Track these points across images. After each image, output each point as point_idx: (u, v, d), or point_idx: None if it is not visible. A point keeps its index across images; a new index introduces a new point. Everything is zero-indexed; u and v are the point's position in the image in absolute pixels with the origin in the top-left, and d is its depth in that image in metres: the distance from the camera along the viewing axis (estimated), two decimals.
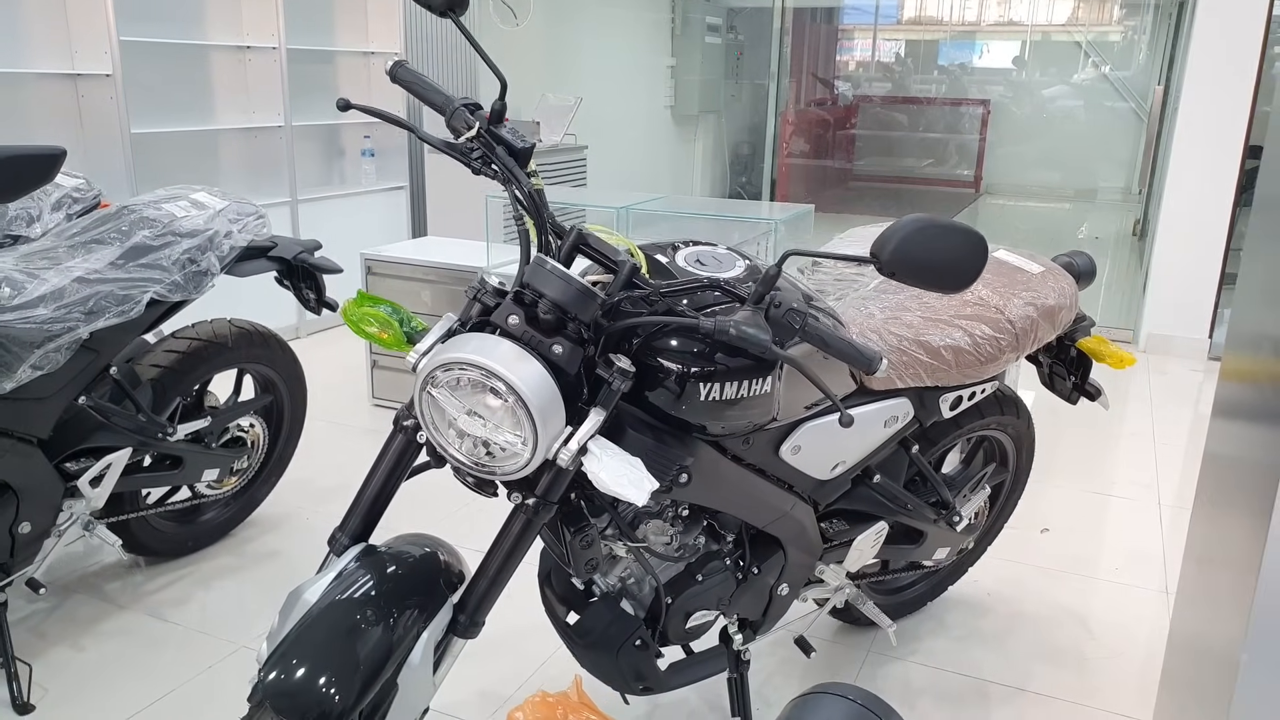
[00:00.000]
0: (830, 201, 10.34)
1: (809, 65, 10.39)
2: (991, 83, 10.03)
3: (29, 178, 1.55)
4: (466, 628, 1.42)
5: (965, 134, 10.34)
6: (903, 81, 10.52)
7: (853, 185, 10.83)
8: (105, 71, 3.64)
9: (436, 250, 3.82)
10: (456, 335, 1.34)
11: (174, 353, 2.32)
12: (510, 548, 1.41)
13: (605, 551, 1.64)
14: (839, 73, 10.61)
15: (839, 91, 10.61)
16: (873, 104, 10.68)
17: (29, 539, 2.01)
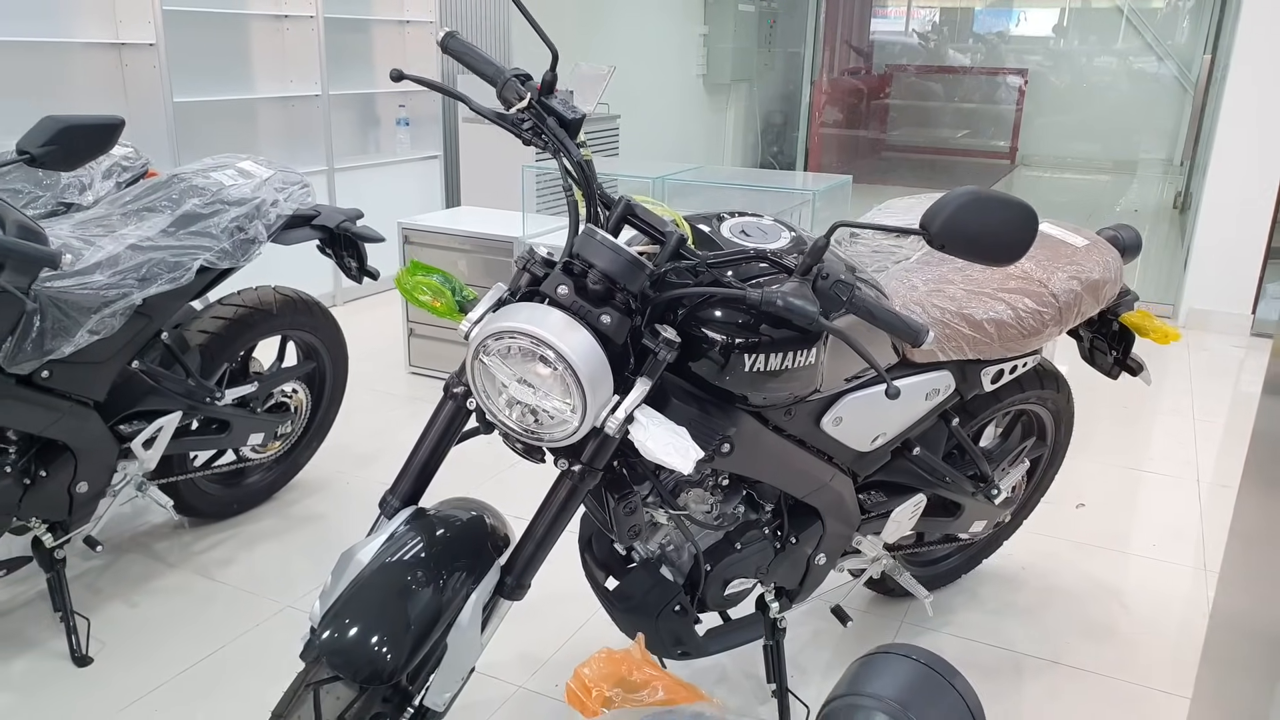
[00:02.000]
0: (864, 171, 10.23)
1: (843, 34, 10.25)
2: (1029, 52, 9.85)
3: (88, 147, 1.58)
4: (513, 590, 1.45)
5: (1002, 104, 10.18)
6: (939, 50, 10.35)
7: (886, 155, 10.71)
8: (149, 41, 3.67)
9: (472, 220, 3.84)
10: (506, 305, 1.36)
11: (221, 319, 2.36)
12: (556, 512, 1.44)
13: (646, 519, 1.66)
14: (874, 41, 10.46)
15: (873, 60, 10.46)
16: (907, 73, 10.52)
17: (86, 498, 2.07)
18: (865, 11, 10.55)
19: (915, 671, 0.66)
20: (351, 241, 2.46)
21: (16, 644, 2.09)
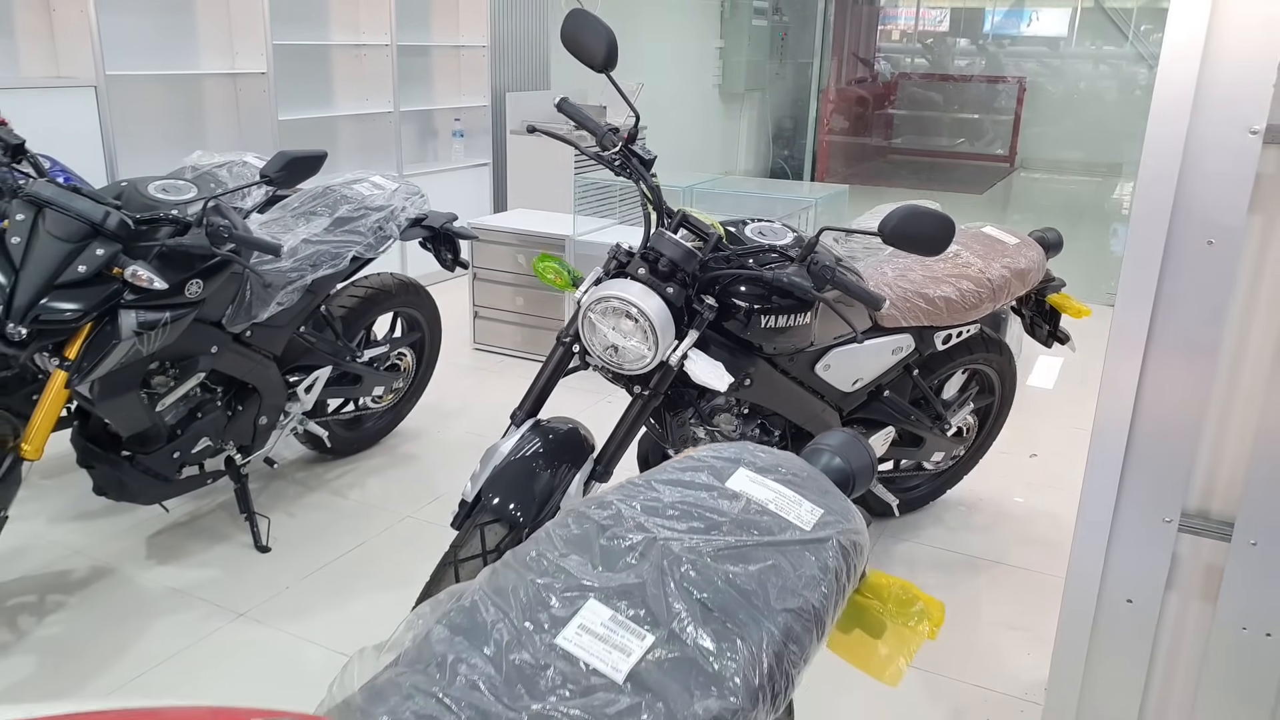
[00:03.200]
0: (869, 175, 10.89)
1: (850, 45, 10.90)
2: (1027, 59, 10.47)
3: (304, 171, 2.26)
4: (601, 474, 2.13)
5: (1001, 110, 10.80)
6: (941, 60, 10.99)
7: (891, 160, 11.36)
8: (261, 70, 4.38)
9: (525, 220, 4.52)
10: (603, 280, 2.05)
11: (356, 297, 3.06)
12: (631, 422, 2.12)
13: (690, 434, 2.35)
14: (879, 51, 11.11)
15: (878, 69, 11.11)
16: (911, 81, 11.17)
17: (265, 428, 2.77)
18: (872, 24, 11.19)
19: (845, 437, 1.30)
20: (449, 238, 3.15)
21: (213, 536, 2.80)
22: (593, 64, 2.00)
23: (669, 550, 1.01)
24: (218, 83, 4.46)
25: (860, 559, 1.11)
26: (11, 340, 2.03)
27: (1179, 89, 1.43)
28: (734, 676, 0.91)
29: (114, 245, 2.10)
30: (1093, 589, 1.67)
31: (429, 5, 5.62)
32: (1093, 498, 1.63)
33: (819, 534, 1.07)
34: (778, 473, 1.16)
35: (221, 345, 2.50)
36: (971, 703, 2.23)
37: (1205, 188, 1.46)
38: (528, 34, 6.39)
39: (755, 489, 1.12)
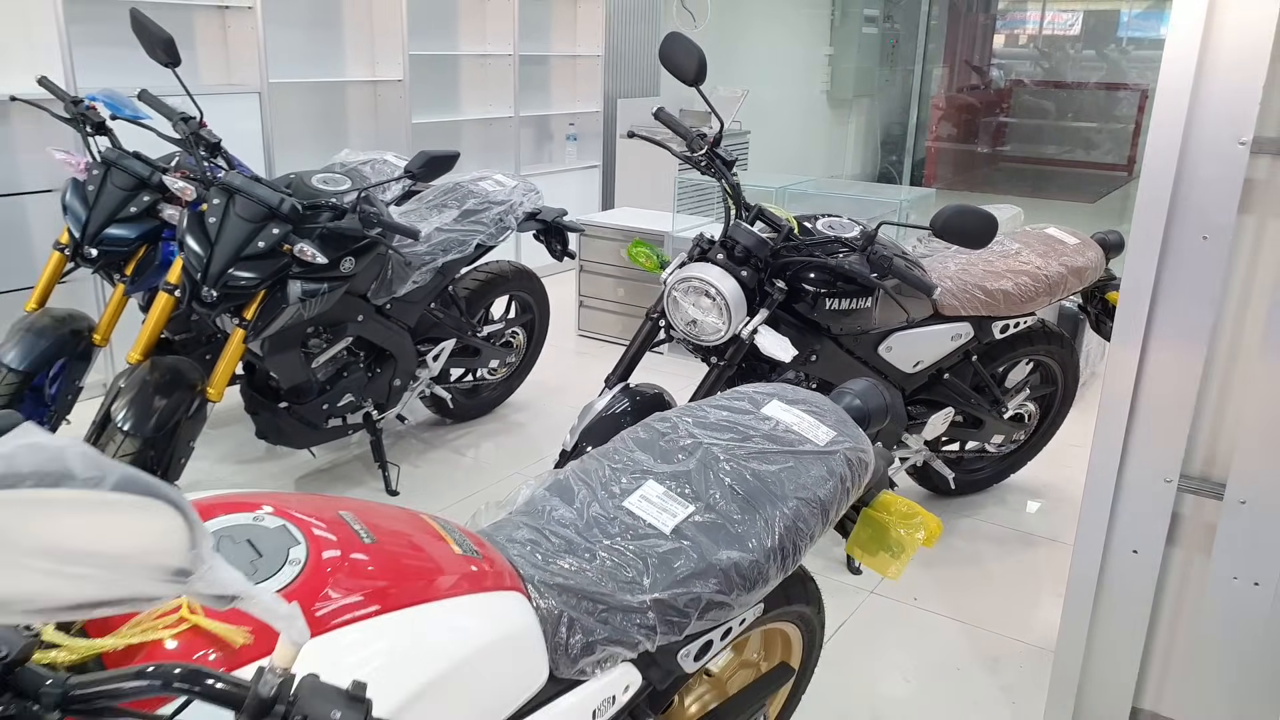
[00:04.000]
0: (977, 182, 10.88)
1: (963, 52, 10.92)
2: (1150, 66, 10.28)
3: (440, 168, 2.67)
4: None
5: (1120, 118, 10.63)
6: (1059, 66, 10.89)
7: (1002, 167, 11.30)
8: (398, 78, 4.89)
9: (629, 217, 4.89)
10: (687, 264, 2.38)
11: (478, 280, 3.48)
12: (708, 389, 2.45)
13: None
14: (994, 58, 11.07)
15: (991, 76, 11.08)
16: (1025, 88, 11.09)
17: (398, 389, 3.20)
18: (987, 30, 11.17)
19: (868, 383, 1.60)
20: (559, 231, 3.54)
21: (350, 481, 3.26)
22: (685, 79, 2.34)
23: (711, 452, 1.34)
24: (360, 89, 4.99)
25: (864, 472, 1.42)
26: (204, 301, 2.50)
27: (1175, 103, 1.67)
28: (752, 538, 1.24)
29: (286, 226, 2.55)
30: (1100, 539, 1.91)
31: (549, 18, 6.07)
32: (1100, 459, 1.88)
33: (830, 448, 1.38)
34: (805, 405, 1.47)
35: (366, 315, 2.94)
36: (1009, 653, 2.46)
37: (1200, 190, 1.70)
38: (640, 43, 6.78)
39: (784, 415, 1.44)
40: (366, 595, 0.88)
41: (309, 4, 4.67)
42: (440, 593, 0.94)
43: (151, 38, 2.51)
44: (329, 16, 4.77)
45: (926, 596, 2.70)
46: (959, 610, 2.64)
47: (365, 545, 0.93)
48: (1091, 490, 1.90)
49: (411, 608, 0.90)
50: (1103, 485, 1.89)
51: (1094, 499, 1.90)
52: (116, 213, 2.86)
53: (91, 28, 3.81)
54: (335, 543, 0.91)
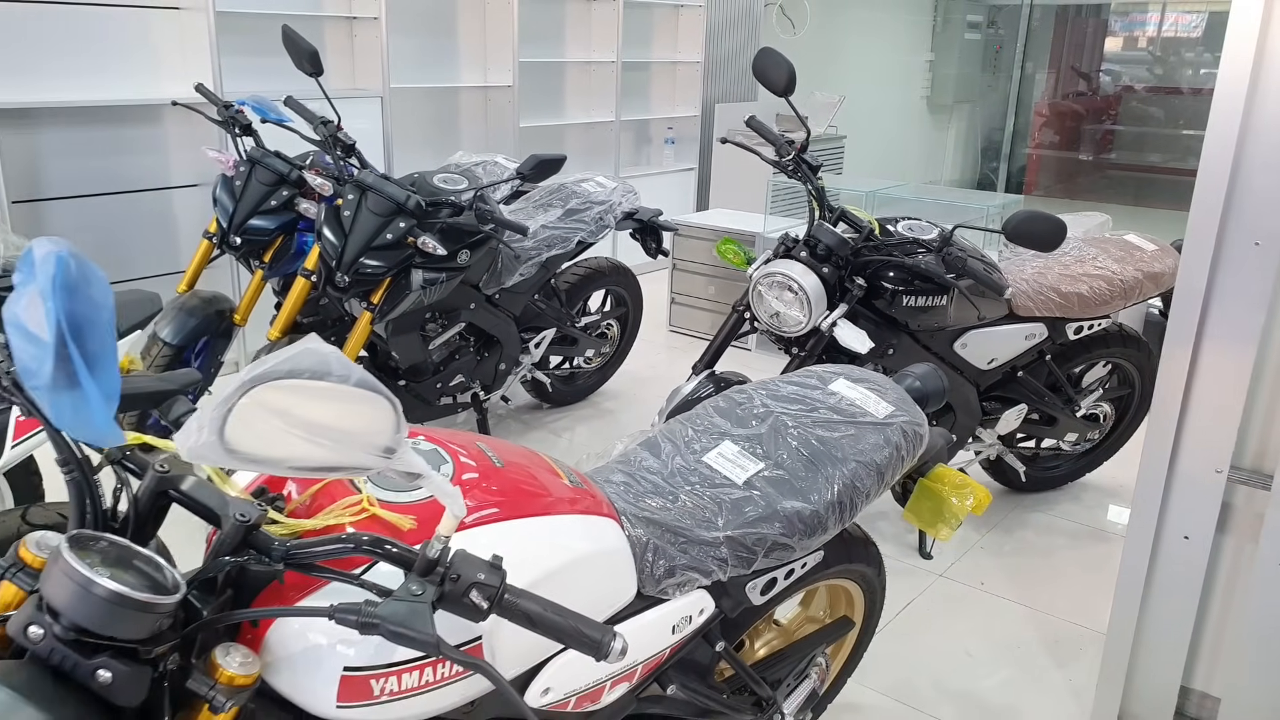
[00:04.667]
0: (1080, 190, 10.69)
1: (1070, 57, 10.74)
2: None
3: (548, 170, 2.93)
4: None
5: None
6: (1172, 72, 10.61)
7: (1107, 174, 11.07)
8: (508, 83, 5.20)
9: (722, 218, 5.09)
10: (771, 260, 2.58)
11: (577, 274, 3.74)
12: None
13: None
14: (1104, 63, 10.85)
15: (1100, 82, 10.87)
16: (1134, 94, 10.84)
17: (503, 373, 3.48)
18: (1098, 34, 10.95)
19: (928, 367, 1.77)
20: (655, 230, 3.77)
21: None
22: (776, 90, 2.53)
23: (781, 420, 1.54)
24: (472, 94, 5.33)
25: (919, 444, 1.59)
26: (338, 286, 2.81)
27: (1230, 112, 1.79)
28: (813, 493, 1.43)
29: (411, 220, 2.84)
30: (1151, 525, 2.03)
31: (651, 26, 6.31)
32: (1153, 450, 2.00)
33: (888, 421, 1.56)
34: (867, 383, 1.66)
35: (478, 303, 3.22)
36: (1069, 636, 2.58)
37: (1253, 198, 1.82)
38: (739, 50, 6.97)
39: (848, 390, 1.63)
40: (497, 504, 1.11)
41: (427, 14, 5.02)
42: (553, 509, 1.17)
43: (299, 50, 2.84)
44: (445, 26, 5.12)
45: (994, 582, 2.83)
46: (1024, 596, 2.76)
47: (496, 468, 1.17)
48: (1144, 479, 2.03)
49: (530, 518, 1.13)
50: (1155, 474, 2.01)
51: (1147, 487, 2.03)
52: (259, 206, 3.21)
53: (237, 38, 4.21)
54: (474, 465, 1.15)
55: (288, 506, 1.03)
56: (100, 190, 3.88)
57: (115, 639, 0.81)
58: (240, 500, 0.92)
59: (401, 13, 4.84)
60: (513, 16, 5.11)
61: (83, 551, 0.81)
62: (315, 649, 0.96)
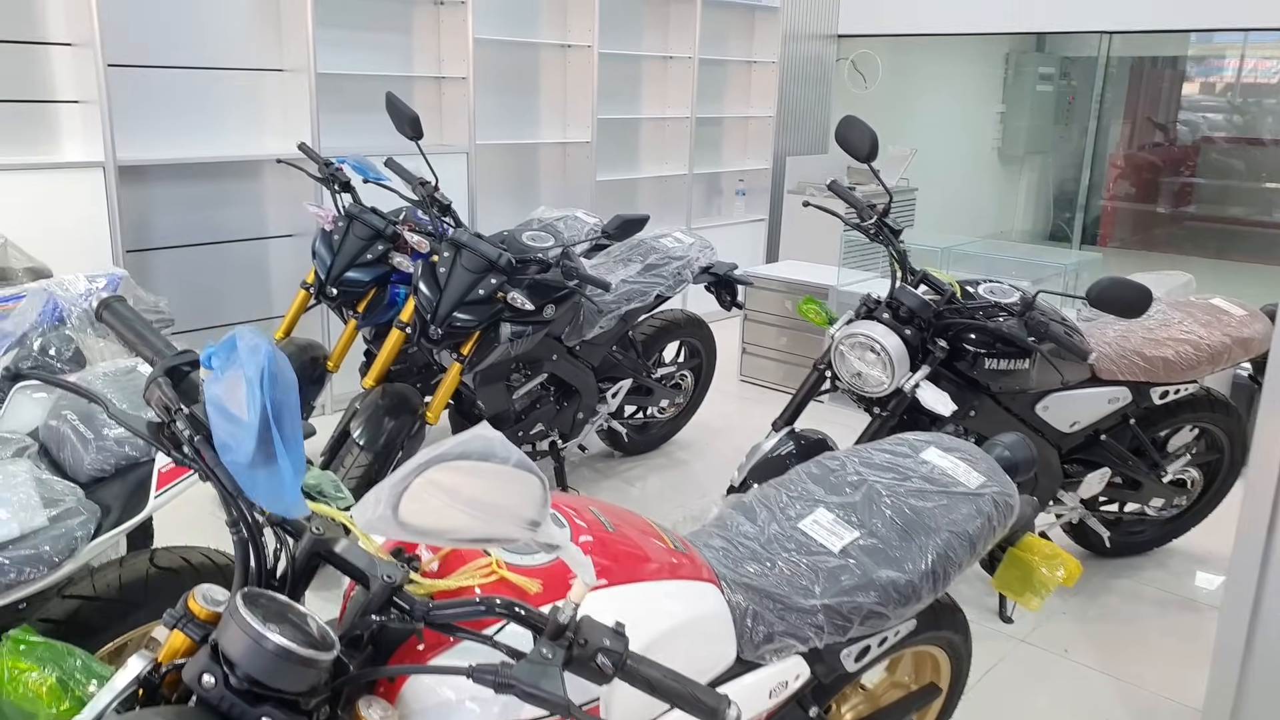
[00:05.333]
0: (1157, 243, 10.50)
1: (1144, 109, 10.62)
2: None
3: (632, 229, 3.03)
4: None
5: None
6: (1254, 122, 10.41)
7: (1185, 226, 10.86)
8: (586, 139, 5.36)
9: (794, 270, 5.14)
10: (854, 321, 2.62)
11: (654, 326, 3.82)
12: (869, 437, 2.66)
13: None
14: (1179, 115, 10.70)
15: (1175, 134, 10.71)
16: (1214, 145, 10.65)
17: (581, 422, 3.56)
18: (1174, 85, 10.81)
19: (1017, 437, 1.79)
20: (730, 284, 3.83)
21: None
22: (859, 157, 2.59)
23: (874, 488, 1.58)
24: (551, 150, 5.49)
25: (1010, 514, 1.61)
26: (432, 338, 2.92)
27: None
28: (908, 562, 1.46)
29: (502, 276, 2.95)
30: (1248, 603, 2.00)
31: (725, 82, 6.45)
32: (1250, 517, 1.98)
33: (979, 491, 1.59)
34: (959, 452, 1.69)
35: (560, 354, 3.32)
36: (1159, 710, 2.53)
37: None
38: (810, 105, 7.06)
39: (940, 460, 1.65)
40: (610, 568, 1.17)
41: (512, 74, 5.21)
42: (659, 574, 1.22)
43: (401, 116, 2.99)
44: (528, 84, 5.30)
45: (1078, 650, 2.79)
46: (1110, 665, 2.71)
47: (608, 533, 1.23)
48: (1241, 548, 2.00)
49: (639, 583, 1.19)
50: (1253, 544, 1.98)
51: (1243, 556, 2.00)
52: (355, 259, 3.36)
53: (335, 98, 4.43)
54: (588, 529, 1.21)
55: (421, 567, 1.10)
56: (202, 240, 4.09)
57: (281, 690, 0.88)
58: (386, 563, 0.99)
59: (487, 72, 5.04)
60: (593, 76, 5.28)
61: (253, 607, 0.89)
62: (447, 704, 1.02)
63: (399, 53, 4.68)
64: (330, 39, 4.35)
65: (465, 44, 4.65)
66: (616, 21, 5.63)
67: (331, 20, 4.35)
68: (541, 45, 5.30)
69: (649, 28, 5.88)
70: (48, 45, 3.54)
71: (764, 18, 6.43)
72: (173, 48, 3.88)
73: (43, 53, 3.54)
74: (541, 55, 5.33)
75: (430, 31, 4.75)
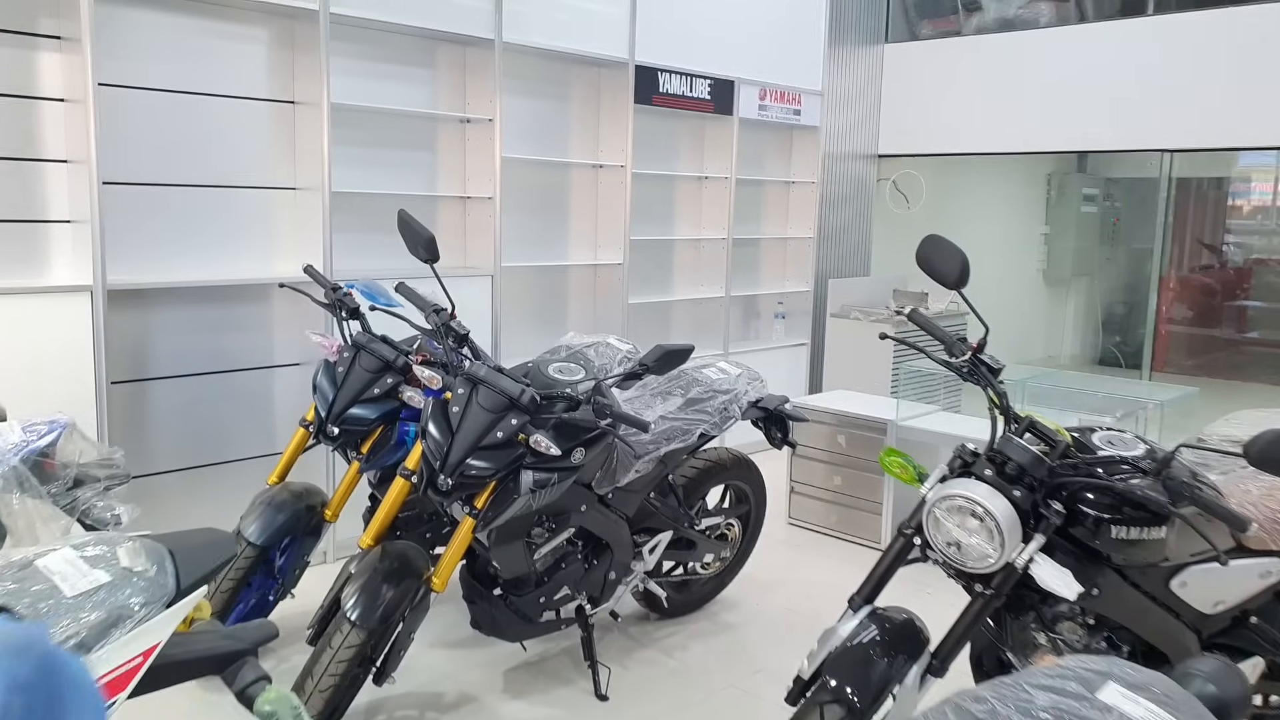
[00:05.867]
0: (1216, 368, 9.99)
1: (1193, 230, 10.28)
2: None
3: (675, 362, 2.62)
4: (937, 670, 2.17)
5: None
6: None
7: (1245, 351, 10.35)
8: (618, 261, 5.04)
9: (846, 402, 4.70)
10: (948, 479, 2.16)
11: (696, 468, 3.36)
12: (970, 620, 2.16)
13: (1030, 639, 2.33)
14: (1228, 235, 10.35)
15: (1227, 256, 10.34)
16: (1268, 267, 10.25)
17: (613, 583, 3.07)
18: (1220, 206, 10.51)
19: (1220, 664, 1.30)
20: (780, 419, 3.39)
21: (558, 679, 3.10)
22: (946, 282, 2.19)
23: None
24: (581, 272, 5.17)
25: None
26: (440, 489, 2.49)
27: None
28: None
29: (524, 416, 2.53)
30: None
31: (762, 202, 6.18)
32: None
33: None
34: (1149, 692, 1.20)
35: (589, 504, 2.86)
36: None
37: None
38: (851, 225, 6.77)
39: (1128, 705, 1.17)
40: None
41: (540, 195, 4.94)
42: None
43: (415, 236, 2.65)
44: (558, 204, 5.03)
45: None
46: None
47: None
48: None
49: None
50: None
51: None
52: (361, 394, 2.97)
53: (350, 217, 4.15)
54: None
55: None
56: (202, 370, 3.73)
57: None
58: None
59: (515, 192, 4.77)
60: (626, 198, 5.00)
61: None
62: None
63: (423, 171, 4.42)
64: (348, 157, 4.10)
65: (493, 163, 4.38)
66: (650, 140, 5.40)
67: (350, 139, 4.11)
68: (573, 165, 5.04)
69: (684, 147, 5.64)
70: (43, 162, 3.27)
71: (803, 137, 6.20)
72: (178, 164, 3.62)
73: (38, 171, 3.28)
74: (572, 175, 5.07)
75: (455, 150, 4.50)
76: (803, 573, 4.10)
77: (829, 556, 4.30)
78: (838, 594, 3.84)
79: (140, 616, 1.18)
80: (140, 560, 1.25)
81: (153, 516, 3.62)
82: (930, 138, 6.80)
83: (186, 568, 1.30)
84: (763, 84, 5.72)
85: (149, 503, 3.61)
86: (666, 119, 5.46)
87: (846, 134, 6.72)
